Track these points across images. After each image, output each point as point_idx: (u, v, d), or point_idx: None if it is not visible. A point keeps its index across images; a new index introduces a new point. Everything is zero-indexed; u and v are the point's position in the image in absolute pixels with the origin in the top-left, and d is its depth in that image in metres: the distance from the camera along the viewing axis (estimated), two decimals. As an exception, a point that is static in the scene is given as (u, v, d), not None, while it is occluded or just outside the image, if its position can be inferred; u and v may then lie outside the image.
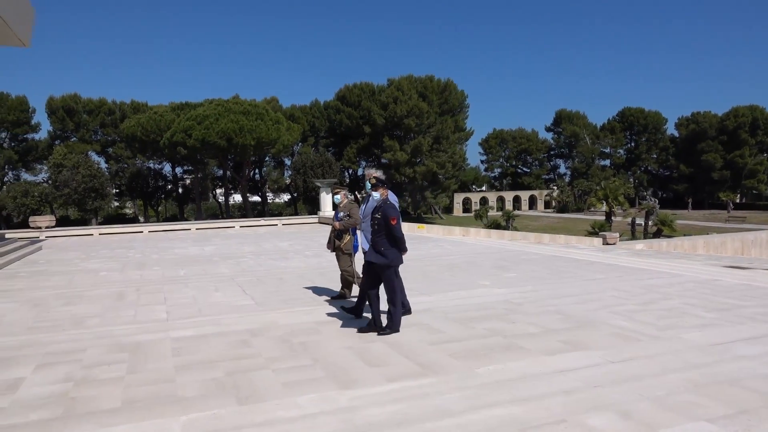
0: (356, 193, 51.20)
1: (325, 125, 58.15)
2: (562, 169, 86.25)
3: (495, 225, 46.26)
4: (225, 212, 51.73)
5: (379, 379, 4.63)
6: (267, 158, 54.82)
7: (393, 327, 6.05)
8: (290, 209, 59.43)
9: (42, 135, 51.46)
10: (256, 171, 55.26)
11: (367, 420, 3.85)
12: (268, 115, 42.37)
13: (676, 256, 15.12)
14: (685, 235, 31.44)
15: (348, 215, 7.44)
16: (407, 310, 6.78)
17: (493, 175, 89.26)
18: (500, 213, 59.38)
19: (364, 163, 59.93)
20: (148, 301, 8.30)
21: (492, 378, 4.60)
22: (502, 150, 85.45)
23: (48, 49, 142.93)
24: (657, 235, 34.42)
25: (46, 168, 47.62)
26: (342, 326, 6.42)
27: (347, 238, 7.56)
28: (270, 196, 61.33)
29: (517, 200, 78.02)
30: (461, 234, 21.41)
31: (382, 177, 6.56)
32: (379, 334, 5.97)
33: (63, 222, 40.66)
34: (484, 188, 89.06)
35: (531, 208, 78.11)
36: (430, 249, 14.41)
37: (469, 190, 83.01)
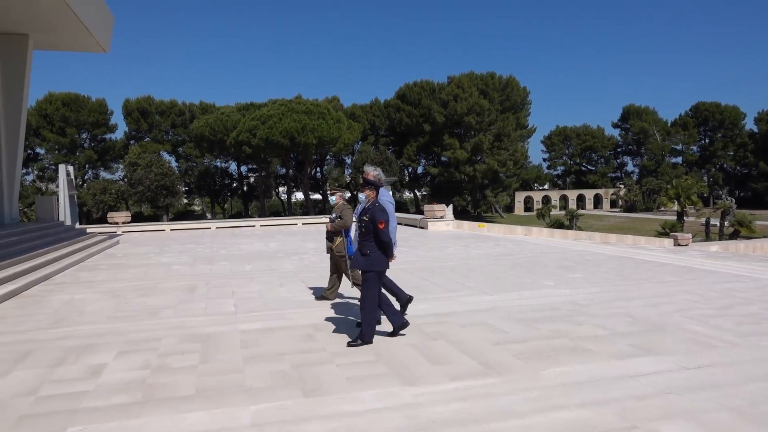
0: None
1: (385, 123, 58.46)
2: (630, 167, 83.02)
3: (558, 224, 45.12)
4: (287, 210, 52.99)
5: (443, 377, 4.63)
6: (328, 156, 55.69)
7: (363, 337, 5.60)
8: (350, 207, 60.11)
9: (118, 135, 54.34)
10: (318, 169, 56.24)
11: (431, 417, 3.86)
12: (329, 114, 43.05)
13: (756, 259, 14.26)
14: (765, 236, 29.58)
15: (339, 217, 7.27)
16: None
17: (555, 173, 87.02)
18: (563, 212, 57.79)
19: (424, 161, 59.85)
20: (217, 295, 8.63)
21: (558, 380, 4.50)
22: (566, 147, 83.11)
23: (124, 53, 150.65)
24: (734, 236, 32.58)
25: (122, 167, 50.30)
26: (404, 323, 6.45)
27: (339, 240, 7.37)
28: (330, 193, 62.24)
29: (581, 199, 75.74)
30: (523, 233, 21.02)
31: (377, 176, 6.27)
32: (348, 345, 5.58)
33: (137, 218, 42.81)
34: (546, 187, 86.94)
35: (596, 207, 75.62)
36: (491, 248, 14.23)
37: (531, 189, 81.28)
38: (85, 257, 13.99)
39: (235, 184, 54.34)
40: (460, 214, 43.30)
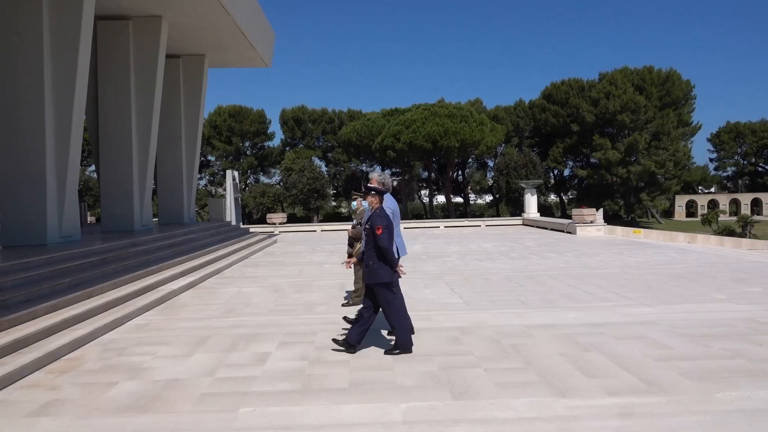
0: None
1: (529, 125, 56.69)
2: (821, 167, 71.68)
3: (728, 231, 40.37)
4: (429, 213, 53.61)
5: (598, 391, 4.38)
6: (470, 160, 55.36)
7: (399, 346, 5.52)
8: (492, 210, 59.19)
9: (275, 143, 58.88)
10: (460, 172, 56.17)
11: (587, 432, 3.67)
12: (472, 117, 42.80)
13: None
14: None
15: (359, 223, 7.07)
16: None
17: (725, 174, 77.84)
18: (734, 218, 51.57)
19: (571, 164, 57.06)
20: (366, 294, 8.98)
21: (736, 405, 4.04)
22: (738, 146, 74.01)
23: (282, 65, 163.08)
24: None
25: (278, 171, 54.48)
26: (554, 332, 6.21)
27: (358, 245, 7.18)
28: (472, 197, 61.82)
29: (756, 204, 66.98)
30: (686, 240, 19.12)
31: (382, 182, 6.03)
32: (385, 353, 5.49)
33: (291, 219, 46.04)
34: (713, 190, 78.19)
35: (775, 213, 66.41)
36: (650, 256, 13.16)
37: (695, 192, 73.61)
38: (248, 254, 15.36)
39: (379, 188, 56.22)
40: (611, 219, 40.56)
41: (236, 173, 28.27)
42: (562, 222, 22.58)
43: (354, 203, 7.92)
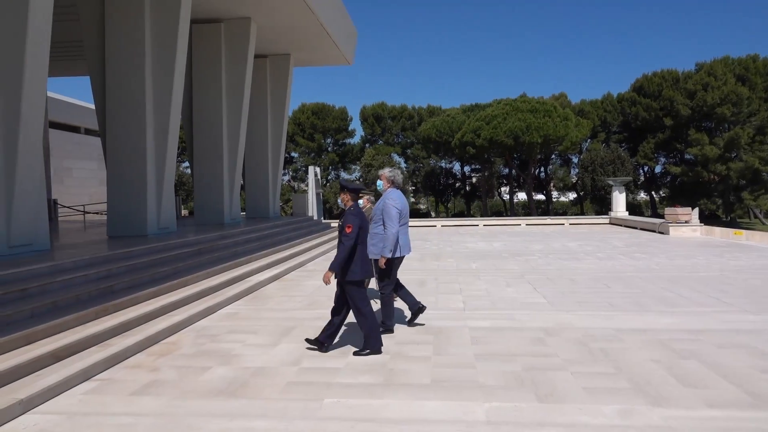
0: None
1: (617, 119, 54.07)
2: None
3: None
4: (509, 210, 52.52)
5: (697, 402, 4.11)
6: (553, 156, 53.65)
7: (368, 346, 5.50)
8: (576, 208, 57.08)
9: (356, 140, 59.79)
10: (542, 169, 54.58)
11: (685, 444, 3.46)
12: (555, 111, 41.44)
13: None
14: None
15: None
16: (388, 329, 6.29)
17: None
18: None
19: (663, 160, 53.93)
20: (446, 290, 8.94)
21: None
22: None
23: (362, 62, 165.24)
24: None
25: (358, 168, 55.33)
26: (647, 337, 5.90)
27: None
28: (555, 194, 59.92)
29: None
30: (796, 244, 17.53)
31: (392, 178, 6.18)
32: (354, 354, 5.47)
33: (370, 215, 46.71)
34: (828, 188, 71.15)
35: None
36: (754, 259, 12.19)
37: (805, 191, 67.32)
38: (329, 249, 15.71)
39: (458, 184, 55.67)
40: (707, 219, 37.94)
41: (318, 169, 28.98)
42: (654, 221, 21.39)
43: (360, 202, 7.78)
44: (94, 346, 5.46)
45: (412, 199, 58.58)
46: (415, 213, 54.21)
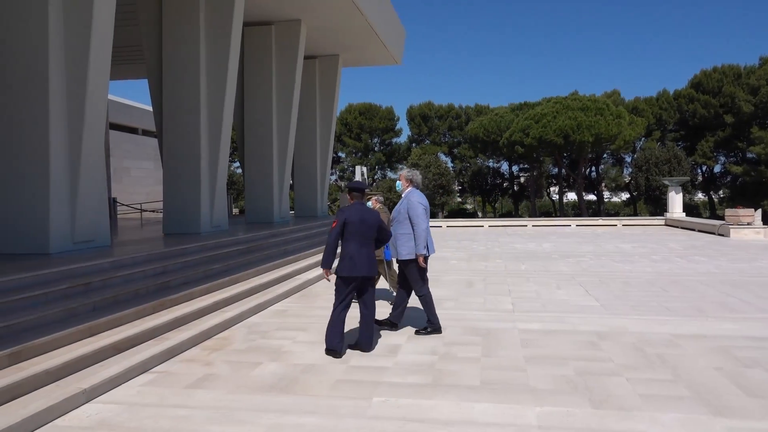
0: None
1: (674, 117, 52.08)
2: None
3: None
4: (559, 210, 51.42)
5: (763, 413, 3.91)
6: (605, 155, 52.18)
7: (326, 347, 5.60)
8: (628, 209, 55.35)
9: (402, 139, 59.83)
10: (593, 168, 53.17)
11: (751, 457, 3.29)
12: (608, 109, 40.29)
13: None
14: None
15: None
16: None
17: None
18: None
19: (722, 159, 51.62)
20: (494, 291, 8.82)
21: None
22: None
23: (409, 62, 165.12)
24: None
25: (405, 167, 55.30)
26: (707, 343, 5.65)
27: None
28: (606, 194, 58.26)
29: None
30: None
31: (411, 178, 6.31)
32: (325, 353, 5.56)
33: (416, 214, 46.62)
34: None
35: None
36: (823, 264, 11.51)
37: None
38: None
39: (506, 184, 54.90)
40: (772, 221, 36.06)
41: (365, 169, 29.17)
42: (713, 223, 20.49)
43: (369, 203, 7.66)
44: (152, 339, 5.66)
45: (458, 199, 58.19)
46: (462, 213, 53.82)
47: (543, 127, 39.91)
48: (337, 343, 5.45)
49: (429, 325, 6.24)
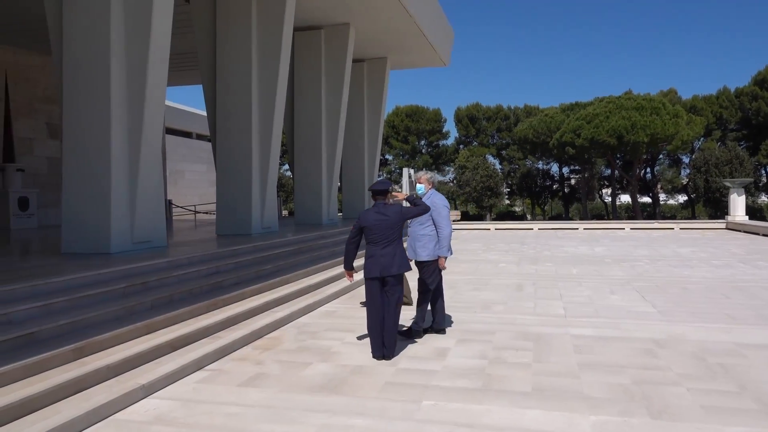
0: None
1: (735, 116, 49.74)
2: None
3: None
4: (611, 213, 49.90)
5: (840, 430, 3.67)
6: (661, 156, 50.34)
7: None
8: (686, 212, 53.20)
9: (449, 141, 59.48)
10: (647, 170, 51.39)
11: (826, 477, 3.09)
12: (664, 108, 38.84)
13: None
14: None
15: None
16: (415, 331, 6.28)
17: None
18: None
19: (789, 159, 48.88)
20: (545, 296, 8.64)
21: None
22: None
23: (457, 63, 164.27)
24: None
25: (452, 169, 55.00)
26: (774, 354, 5.36)
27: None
28: (662, 197, 56.20)
29: None
30: None
31: (431, 180, 6.40)
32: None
33: (464, 216, 46.19)
34: None
35: None
36: None
37: None
38: (424, 250, 15.71)
39: (555, 186, 53.72)
40: None
41: (412, 171, 29.10)
42: (779, 227, 19.44)
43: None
44: (206, 338, 5.82)
45: (507, 201, 57.40)
46: (510, 216, 53.04)
47: (595, 127, 38.87)
48: (380, 351, 5.45)
49: (414, 325, 6.17)
